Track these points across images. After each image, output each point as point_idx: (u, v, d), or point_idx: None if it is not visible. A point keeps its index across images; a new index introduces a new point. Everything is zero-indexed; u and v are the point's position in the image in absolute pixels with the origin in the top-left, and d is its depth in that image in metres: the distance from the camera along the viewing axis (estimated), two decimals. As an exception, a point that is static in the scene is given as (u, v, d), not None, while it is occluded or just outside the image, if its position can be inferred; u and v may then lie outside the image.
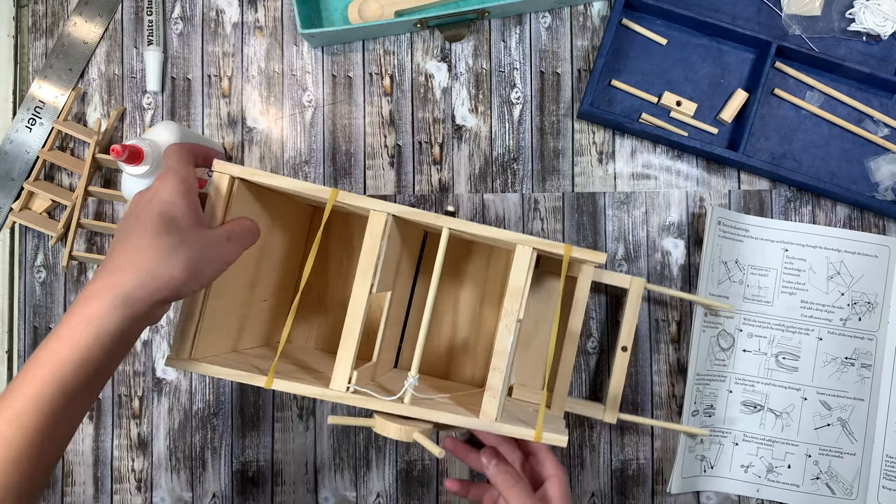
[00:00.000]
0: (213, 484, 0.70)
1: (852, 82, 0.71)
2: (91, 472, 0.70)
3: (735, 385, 0.69)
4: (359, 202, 0.51)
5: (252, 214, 0.55)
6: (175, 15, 0.73)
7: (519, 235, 0.51)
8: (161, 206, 0.46)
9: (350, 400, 0.51)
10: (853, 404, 0.69)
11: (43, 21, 0.73)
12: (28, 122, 0.71)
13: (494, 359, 0.51)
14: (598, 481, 0.70)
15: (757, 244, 0.70)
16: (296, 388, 0.50)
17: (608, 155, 0.71)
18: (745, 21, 0.72)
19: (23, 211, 0.70)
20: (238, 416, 0.70)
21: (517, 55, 0.72)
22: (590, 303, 0.70)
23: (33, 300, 0.71)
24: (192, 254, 0.45)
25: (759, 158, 0.70)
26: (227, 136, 0.72)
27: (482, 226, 0.51)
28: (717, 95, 0.71)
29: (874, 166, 0.70)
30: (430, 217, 0.51)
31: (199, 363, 0.51)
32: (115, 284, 0.43)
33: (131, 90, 0.72)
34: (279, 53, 0.72)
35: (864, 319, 0.69)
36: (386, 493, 0.70)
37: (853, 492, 0.68)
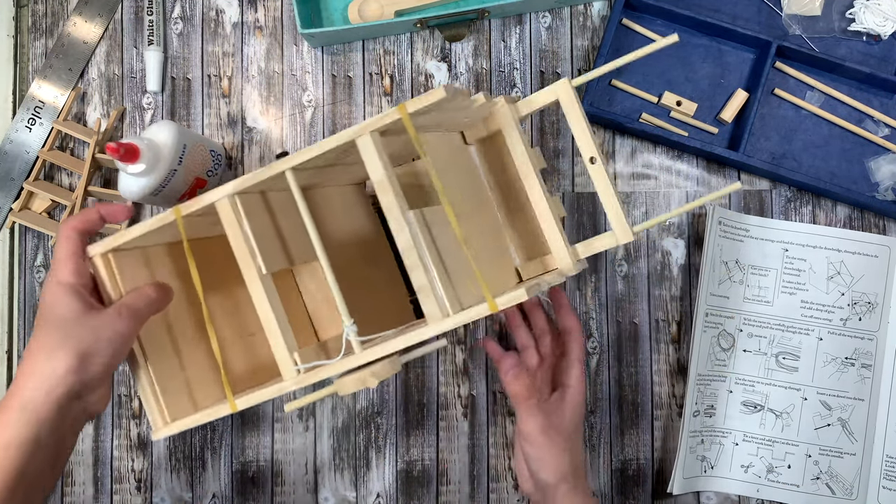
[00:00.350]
0: (213, 484, 0.70)
1: (852, 82, 0.71)
2: (91, 472, 0.70)
3: (735, 385, 0.69)
4: (197, 204, 0.48)
5: (152, 272, 0.54)
6: (175, 15, 0.73)
7: (352, 129, 0.45)
8: (44, 308, 0.48)
9: (307, 380, 0.48)
10: (853, 404, 0.69)
11: (43, 21, 0.73)
12: (28, 122, 0.71)
13: (404, 259, 0.45)
14: (598, 481, 0.70)
15: (757, 244, 0.70)
16: (256, 398, 0.49)
17: (608, 155, 0.71)
18: (746, 21, 0.72)
19: (23, 211, 0.70)
20: (238, 416, 0.70)
21: (517, 55, 0.72)
22: (593, 311, 0.70)
23: (33, 300, 0.71)
24: (80, 342, 0.46)
25: (760, 158, 0.70)
26: (227, 136, 0.72)
27: (320, 143, 0.45)
28: (717, 95, 0.71)
29: (874, 166, 0.70)
30: (268, 171, 0.47)
31: (175, 424, 0.50)
32: (15, 393, 0.46)
33: (131, 90, 0.72)
34: (279, 53, 0.72)
35: (864, 319, 0.69)
36: (386, 493, 0.70)
37: (853, 492, 0.68)
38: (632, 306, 0.70)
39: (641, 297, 0.71)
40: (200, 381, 0.55)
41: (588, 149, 0.55)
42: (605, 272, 0.71)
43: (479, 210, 0.57)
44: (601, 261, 0.71)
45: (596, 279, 0.71)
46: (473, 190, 0.58)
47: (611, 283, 0.71)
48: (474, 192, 0.58)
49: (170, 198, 0.65)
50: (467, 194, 0.56)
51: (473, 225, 0.55)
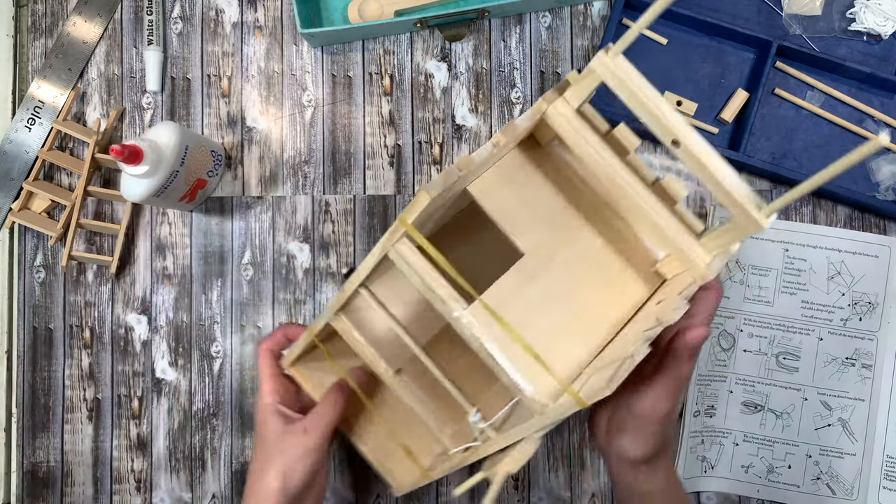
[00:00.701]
0: (213, 484, 0.70)
1: (853, 82, 0.71)
2: (90, 472, 0.70)
3: (735, 385, 0.69)
4: (312, 332, 0.52)
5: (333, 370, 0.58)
6: (175, 14, 0.72)
7: (382, 240, 0.41)
8: (257, 427, 0.56)
9: (466, 461, 0.49)
10: (854, 404, 0.69)
11: (42, 21, 0.72)
12: (27, 122, 0.71)
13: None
14: (598, 481, 0.70)
15: (757, 244, 0.69)
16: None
17: (608, 155, 0.71)
18: (746, 21, 0.71)
19: (22, 211, 0.70)
20: (238, 416, 0.70)
21: (517, 55, 0.72)
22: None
23: (32, 300, 0.71)
24: (281, 463, 0.53)
25: (760, 158, 0.70)
26: (227, 135, 0.72)
27: (367, 259, 0.43)
28: (717, 95, 0.71)
29: (875, 166, 0.70)
30: (344, 295, 0.47)
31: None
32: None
33: (131, 90, 0.72)
34: (279, 53, 0.72)
35: (864, 319, 0.69)
36: (386, 493, 0.70)
37: (854, 492, 0.68)
38: (632, 306, 0.70)
39: (642, 297, 0.70)
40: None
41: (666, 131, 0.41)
42: (605, 272, 0.70)
43: (572, 232, 0.48)
44: (601, 261, 0.70)
45: (596, 279, 0.70)
46: (556, 211, 0.48)
47: (611, 283, 0.70)
48: (558, 213, 0.48)
49: (171, 199, 0.65)
50: (552, 220, 0.47)
51: (571, 253, 0.47)
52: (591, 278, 0.46)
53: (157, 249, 0.71)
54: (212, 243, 0.71)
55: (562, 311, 0.45)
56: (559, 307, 0.45)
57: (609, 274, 0.47)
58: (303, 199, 0.71)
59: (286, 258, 0.71)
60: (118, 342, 0.71)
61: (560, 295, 0.45)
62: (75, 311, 0.71)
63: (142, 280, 0.71)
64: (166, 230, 0.71)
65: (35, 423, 0.70)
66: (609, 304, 0.46)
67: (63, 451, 0.70)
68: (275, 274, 0.71)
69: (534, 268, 0.45)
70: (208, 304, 0.71)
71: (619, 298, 0.46)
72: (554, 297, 0.45)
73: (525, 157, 0.48)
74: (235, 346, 0.70)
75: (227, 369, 0.70)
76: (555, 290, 0.45)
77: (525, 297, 0.44)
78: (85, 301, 0.71)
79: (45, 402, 0.70)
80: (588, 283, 0.46)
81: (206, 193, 0.70)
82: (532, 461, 0.69)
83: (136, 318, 0.71)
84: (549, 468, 0.70)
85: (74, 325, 0.71)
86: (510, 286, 0.44)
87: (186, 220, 0.71)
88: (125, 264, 0.71)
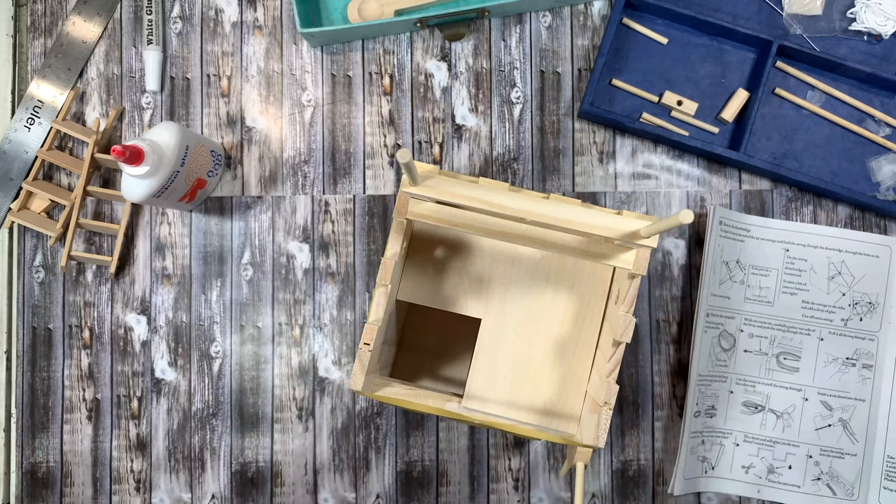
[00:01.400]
0: (213, 485, 0.70)
1: (853, 82, 0.71)
2: (90, 472, 0.70)
3: (736, 385, 0.69)
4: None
5: None
6: (174, 14, 0.72)
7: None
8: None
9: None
10: (854, 405, 0.69)
11: (42, 20, 0.72)
12: (27, 122, 0.71)
13: None
14: (598, 482, 0.70)
15: (758, 244, 0.69)
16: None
17: (609, 154, 0.71)
18: (746, 20, 0.71)
19: (21, 211, 0.70)
20: (237, 416, 0.70)
21: (517, 54, 0.72)
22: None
23: (32, 300, 0.71)
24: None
25: (760, 158, 0.70)
26: (227, 135, 0.72)
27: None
28: (717, 95, 0.71)
29: (875, 166, 0.70)
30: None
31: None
32: None
33: (130, 89, 0.72)
34: (278, 53, 0.72)
35: (865, 320, 0.69)
36: (386, 494, 0.70)
37: (854, 492, 0.68)
38: (632, 306, 0.70)
39: (642, 297, 0.70)
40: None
41: None
42: (605, 272, 0.70)
43: (510, 283, 0.59)
44: (601, 261, 0.70)
45: (596, 279, 0.70)
46: (483, 273, 0.59)
47: (611, 283, 0.70)
48: (484, 274, 0.59)
49: (171, 199, 0.64)
50: (488, 284, 0.59)
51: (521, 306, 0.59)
52: (546, 321, 0.57)
53: (156, 249, 0.71)
54: (211, 243, 0.71)
55: (542, 363, 0.56)
56: (536, 361, 0.56)
57: (558, 310, 0.57)
58: (302, 199, 0.71)
59: (286, 258, 0.71)
60: (117, 342, 0.71)
61: (531, 349, 0.56)
62: (75, 311, 0.71)
63: (141, 280, 0.71)
64: (166, 230, 0.71)
65: (34, 424, 0.70)
66: (570, 339, 0.57)
67: (62, 452, 0.70)
68: (274, 274, 0.71)
69: (494, 333, 0.55)
70: (208, 304, 0.71)
71: (578, 327, 0.57)
72: (525, 356, 0.56)
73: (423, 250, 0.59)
74: (235, 346, 0.70)
75: (226, 369, 0.70)
76: (523, 348, 0.56)
77: (501, 373, 0.55)
78: (84, 301, 0.71)
79: (45, 402, 0.70)
80: (547, 327, 0.57)
81: (206, 193, 0.70)
82: (532, 462, 0.69)
83: (135, 318, 0.71)
84: (549, 468, 0.69)
85: (74, 325, 0.71)
86: (484, 368, 0.55)
87: (186, 220, 0.71)
88: (125, 264, 0.71)
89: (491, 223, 0.51)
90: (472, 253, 0.58)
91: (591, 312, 0.57)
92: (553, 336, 0.57)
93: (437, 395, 0.54)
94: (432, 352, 0.67)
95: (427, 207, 0.51)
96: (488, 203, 0.48)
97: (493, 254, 0.57)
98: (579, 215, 0.47)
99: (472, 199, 0.48)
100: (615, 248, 0.51)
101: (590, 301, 0.57)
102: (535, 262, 0.57)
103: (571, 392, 0.56)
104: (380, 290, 0.51)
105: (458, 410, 0.53)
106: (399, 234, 0.52)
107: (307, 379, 0.70)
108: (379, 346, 0.53)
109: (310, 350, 0.70)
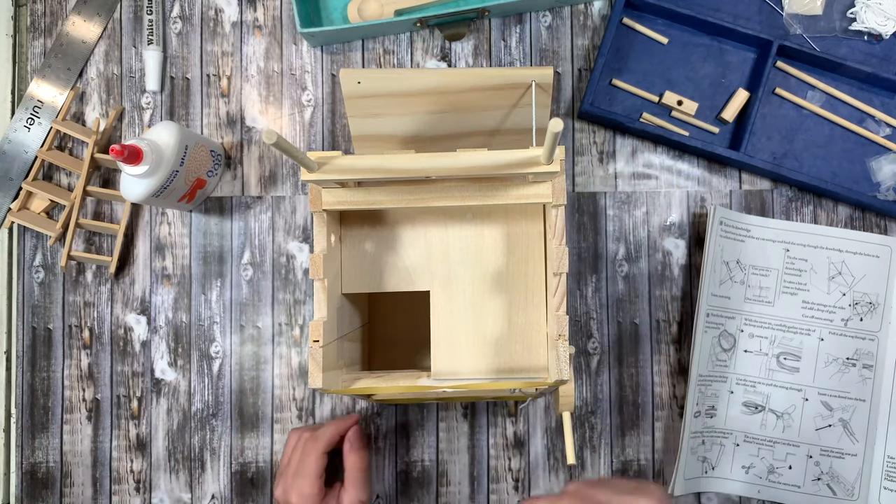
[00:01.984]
0: (212, 485, 0.70)
1: (854, 82, 0.71)
2: (90, 472, 0.70)
3: (736, 386, 0.69)
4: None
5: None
6: (174, 14, 0.72)
7: None
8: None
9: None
10: (854, 405, 0.69)
11: (41, 20, 0.72)
12: (27, 122, 0.71)
13: None
14: (598, 482, 0.69)
15: (758, 244, 0.69)
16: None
17: (609, 154, 0.71)
18: (747, 20, 0.71)
19: (21, 211, 0.70)
20: (237, 416, 0.70)
21: (517, 54, 0.72)
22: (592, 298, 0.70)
23: (32, 300, 0.71)
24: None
25: (761, 158, 0.70)
26: (226, 135, 0.72)
27: None
28: (718, 95, 0.71)
29: (875, 166, 0.70)
30: None
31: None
32: None
33: (130, 89, 0.72)
34: (278, 52, 0.72)
35: (865, 320, 0.69)
36: (386, 494, 0.70)
37: (854, 492, 0.68)
38: (632, 306, 0.70)
39: (642, 297, 0.70)
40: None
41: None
42: (605, 272, 0.70)
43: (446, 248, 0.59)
44: (602, 260, 0.70)
45: (596, 279, 0.70)
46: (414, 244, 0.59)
47: (611, 282, 0.70)
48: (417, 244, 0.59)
49: (171, 199, 0.64)
50: (424, 256, 0.59)
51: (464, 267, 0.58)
52: (491, 279, 0.57)
53: (156, 249, 0.71)
54: (211, 243, 0.71)
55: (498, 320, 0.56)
56: (494, 319, 0.56)
57: (500, 262, 0.57)
58: (302, 199, 0.71)
59: (286, 258, 0.71)
60: (117, 342, 0.70)
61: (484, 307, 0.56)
62: (74, 311, 0.71)
63: (141, 280, 0.71)
64: (165, 230, 0.71)
65: (34, 424, 0.70)
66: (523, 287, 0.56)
67: (62, 452, 0.70)
68: (274, 274, 0.71)
69: (445, 301, 0.55)
70: (207, 304, 0.71)
71: (525, 271, 0.57)
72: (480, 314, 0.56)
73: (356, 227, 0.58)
74: (235, 346, 0.70)
75: (226, 369, 0.70)
76: (475, 307, 0.56)
77: (458, 332, 0.55)
78: (84, 301, 0.71)
79: (45, 402, 0.70)
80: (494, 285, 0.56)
81: (206, 193, 0.70)
82: (532, 462, 0.69)
83: (135, 318, 0.71)
84: (549, 468, 0.69)
85: (73, 325, 0.71)
86: (445, 337, 0.55)
87: (186, 220, 0.71)
88: (124, 264, 0.71)
89: (407, 192, 0.51)
90: (405, 227, 0.57)
91: (533, 255, 0.56)
92: (503, 288, 0.56)
93: (406, 375, 0.54)
94: (408, 344, 0.66)
95: (340, 194, 0.51)
96: (389, 170, 0.47)
97: (426, 222, 0.57)
98: (480, 159, 0.48)
99: (372, 171, 0.47)
100: (531, 184, 0.51)
101: (528, 243, 0.57)
102: (466, 219, 0.57)
103: (534, 340, 0.56)
104: (317, 286, 0.51)
105: (430, 383, 0.52)
106: (322, 226, 0.52)
107: (307, 379, 0.70)
108: (334, 343, 0.52)
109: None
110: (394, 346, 0.67)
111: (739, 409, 0.69)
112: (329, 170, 0.48)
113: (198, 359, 0.70)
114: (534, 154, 0.47)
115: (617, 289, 0.70)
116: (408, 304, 0.63)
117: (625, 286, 0.70)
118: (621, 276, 0.70)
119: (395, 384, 0.51)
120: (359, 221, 0.58)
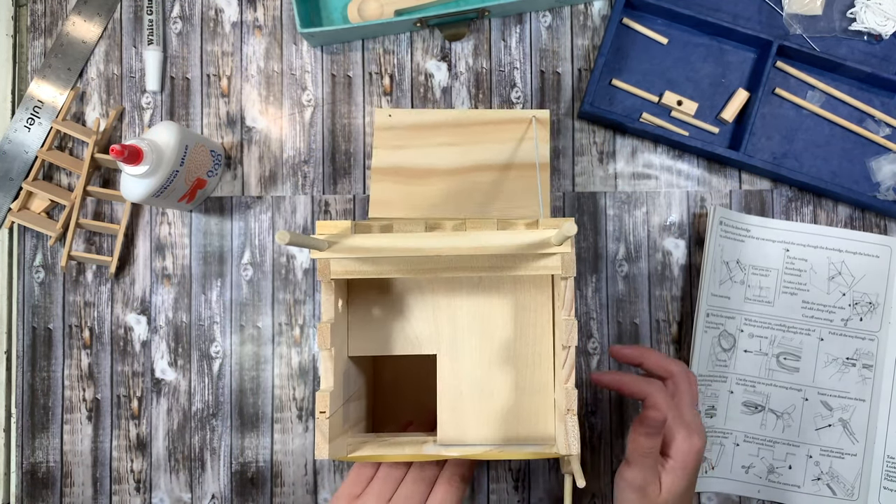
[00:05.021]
0: (213, 485, 0.70)
1: (853, 82, 0.71)
2: (90, 472, 0.70)
3: (736, 385, 0.69)
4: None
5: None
6: (174, 14, 0.72)
7: None
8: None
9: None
10: (854, 405, 0.69)
11: (42, 20, 0.72)
12: (27, 122, 0.71)
13: None
14: (598, 482, 0.69)
15: (758, 244, 0.69)
16: None
17: (609, 154, 0.71)
18: (746, 20, 0.71)
19: (21, 211, 0.70)
20: (237, 416, 0.70)
21: (517, 54, 0.72)
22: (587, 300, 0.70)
23: (32, 300, 0.71)
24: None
25: (761, 158, 0.70)
26: (226, 135, 0.72)
27: None
28: (718, 95, 0.71)
29: (875, 166, 0.70)
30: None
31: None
32: None
33: (130, 89, 0.72)
34: (278, 53, 0.72)
35: (865, 320, 0.69)
36: None
37: (854, 492, 0.68)
38: (632, 306, 0.70)
39: (642, 297, 0.70)
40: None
41: None
42: (605, 272, 0.70)
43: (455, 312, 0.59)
44: (602, 261, 0.70)
45: (596, 279, 0.70)
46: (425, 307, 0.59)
47: (611, 282, 0.70)
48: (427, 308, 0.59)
49: (171, 199, 0.64)
50: (430, 318, 0.58)
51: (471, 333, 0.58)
52: (500, 343, 0.56)
53: (156, 249, 0.71)
54: (211, 243, 0.71)
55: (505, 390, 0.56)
56: (499, 391, 0.56)
57: (508, 327, 0.57)
58: (302, 199, 0.71)
59: (286, 258, 0.71)
60: (117, 342, 0.71)
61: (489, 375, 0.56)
62: (74, 311, 0.71)
63: (141, 280, 0.71)
64: (166, 230, 0.71)
65: (34, 424, 0.70)
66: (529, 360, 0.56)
67: (62, 452, 0.70)
68: (274, 274, 0.71)
69: (451, 365, 0.55)
70: (208, 304, 0.71)
71: (532, 346, 0.56)
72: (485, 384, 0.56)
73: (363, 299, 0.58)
74: (235, 346, 0.70)
75: (226, 369, 0.70)
76: (481, 377, 0.56)
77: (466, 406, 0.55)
78: (84, 301, 0.71)
79: (45, 402, 0.70)
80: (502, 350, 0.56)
81: (206, 193, 0.70)
82: (532, 461, 0.69)
83: (135, 318, 0.71)
84: (549, 468, 0.69)
85: (74, 325, 0.71)
86: (451, 402, 0.54)
87: (186, 220, 0.71)
88: (124, 264, 0.71)
89: (416, 263, 0.51)
90: (413, 294, 0.57)
91: (540, 322, 0.56)
92: (510, 355, 0.56)
93: (412, 440, 0.54)
94: (413, 390, 0.66)
95: (349, 263, 0.51)
96: (400, 249, 0.48)
97: (434, 290, 0.57)
98: (491, 239, 0.48)
99: (384, 251, 0.48)
100: (541, 256, 0.51)
101: (536, 311, 0.56)
102: (475, 285, 0.57)
103: (541, 409, 0.55)
104: (324, 355, 0.50)
105: (435, 451, 0.51)
106: (330, 294, 0.52)
107: (307, 379, 0.70)
108: (340, 409, 0.51)
109: (310, 350, 0.70)
110: (400, 396, 0.66)
111: (739, 408, 0.69)
112: (340, 249, 0.48)
113: (198, 359, 0.70)
114: (545, 236, 0.47)
115: (617, 289, 0.70)
116: (414, 360, 0.61)
117: (625, 286, 0.70)
118: (621, 276, 0.70)
119: (400, 452, 0.51)
120: (366, 287, 0.57)
